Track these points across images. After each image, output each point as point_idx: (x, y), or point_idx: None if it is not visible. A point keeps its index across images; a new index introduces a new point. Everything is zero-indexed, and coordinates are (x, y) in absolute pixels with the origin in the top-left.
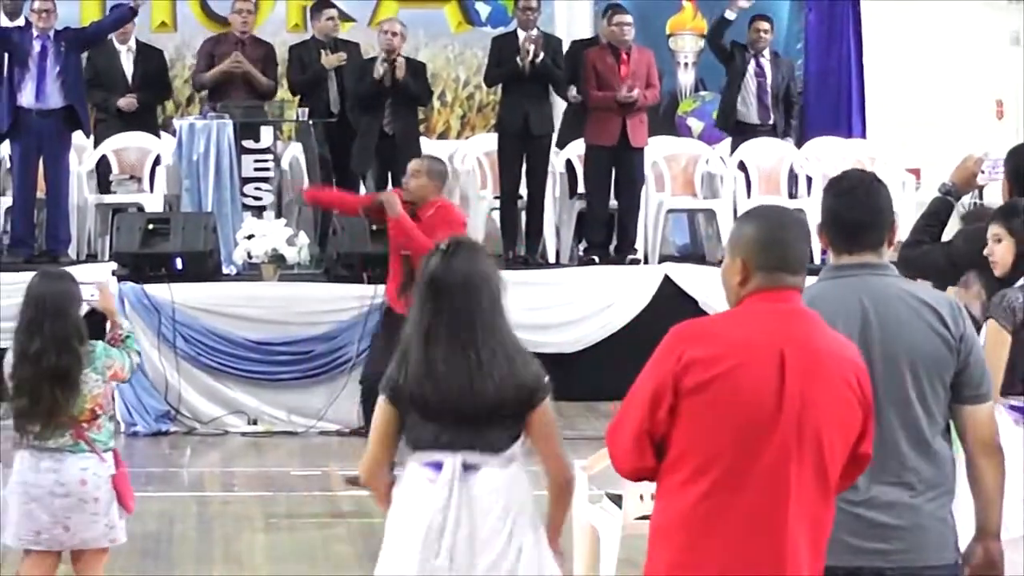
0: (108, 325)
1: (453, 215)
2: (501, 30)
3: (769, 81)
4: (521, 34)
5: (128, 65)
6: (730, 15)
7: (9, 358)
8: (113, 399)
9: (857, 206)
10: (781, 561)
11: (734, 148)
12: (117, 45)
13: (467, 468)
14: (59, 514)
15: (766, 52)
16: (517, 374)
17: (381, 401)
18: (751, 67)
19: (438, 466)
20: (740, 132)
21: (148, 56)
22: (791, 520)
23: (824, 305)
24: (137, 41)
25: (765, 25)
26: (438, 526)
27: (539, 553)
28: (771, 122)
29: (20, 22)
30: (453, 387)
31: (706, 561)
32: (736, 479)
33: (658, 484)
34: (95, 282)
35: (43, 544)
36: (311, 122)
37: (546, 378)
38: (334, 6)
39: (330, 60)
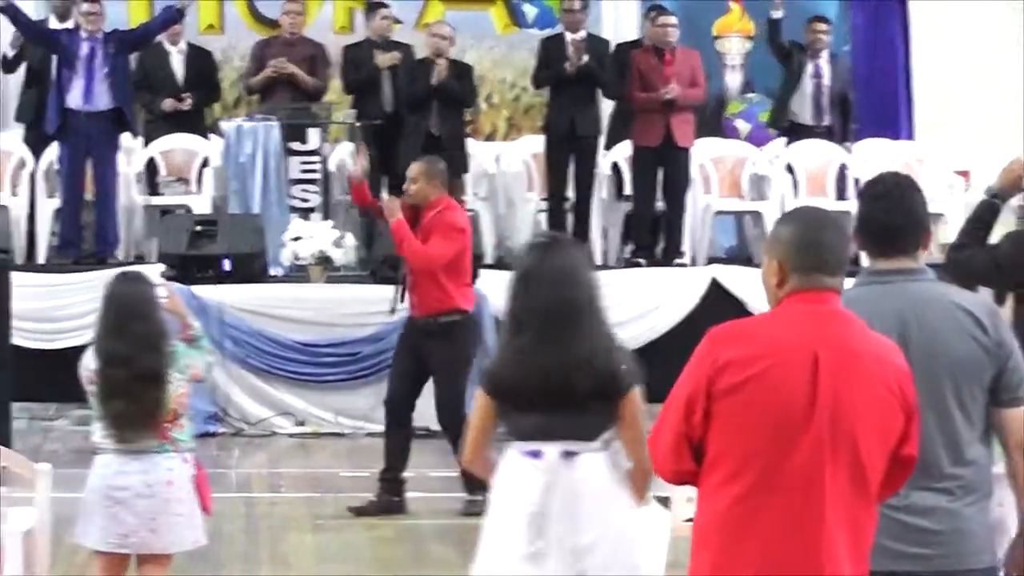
0: (180, 326)
1: (448, 219)
2: (548, 32)
3: (826, 83)
4: (567, 36)
5: (178, 66)
6: (776, 14)
7: (89, 362)
8: (190, 399)
9: (891, 210)
10: (818, 562)
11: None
12: (168, 46)
13: (566, 455)
14: (144, 516)
15: (824, 53)
16: (607, 363)
17: (478, 393)
18: (809, 68)
19: (537, 454)
20: (794, 133)
21: (198, 57)
22: (827, 521)
23: (860, 310)
24: (188, 43)
25: (823, 26)
26: (541, 509)
27: (635, 534)
28: (825, 124)
29: (70, 24)
30: (546, 377)
31: (743, 562)
32: (770, 480)
33: (698, 487)
34: (164, 284)
35: (130, 547)
36: (358, 123)
37: (636, 368)
38: (388, 6)
39: (384, 60)
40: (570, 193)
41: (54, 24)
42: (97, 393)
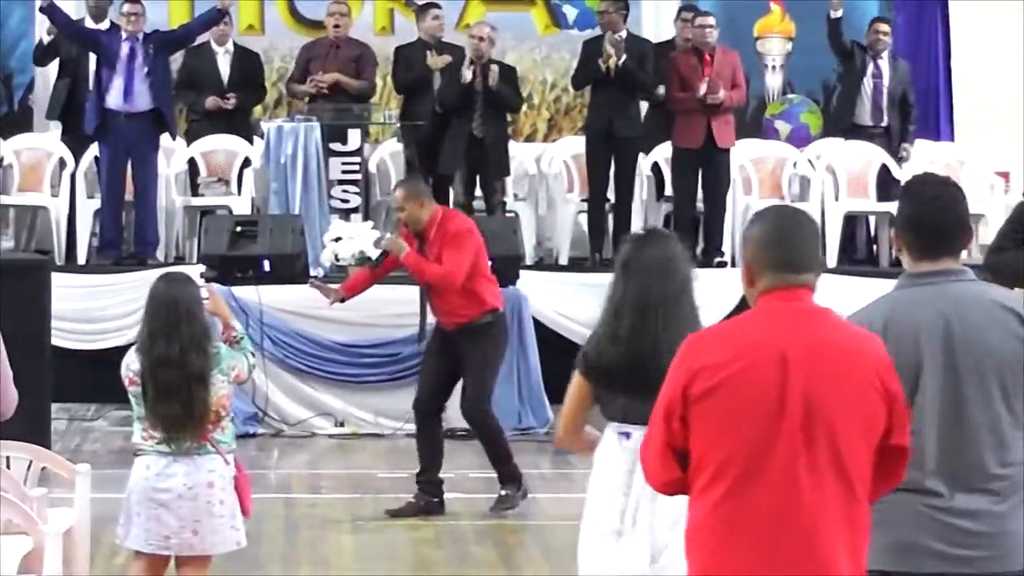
0: (222, 328)
1: (451, 228)
2: (589, 33)
3: (886, 83)
4: (607, 37)
5: (224, 67)
6: (835, 14)
7: (132, 363)
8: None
9: (940, 213)
10: (808, 558)
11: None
12: (215, 46)
13: None
14: (188, 518)
15: (884, 54)
16: None
17: (575, 374)
18: (869, 68)
19: (627, 435)
20: (852, 133)
21: (244, 58)
22: (810, 518)
23: (905, 313)
24: (235, 43)
25: (885, 27)
26: (626, 490)
27: None
28: (884, 124)
29: (105, 24)
30: (636, 362)
31: (730, 564)
32: (749, 481)
33: (689, 492)
34: (205, 286)
35: (172, 549)
36: (399, 124)
37: None
38: (439, 7)
39: (436, 61)
40: (610, 194)
41: (89, 24)
42: (143, 395)
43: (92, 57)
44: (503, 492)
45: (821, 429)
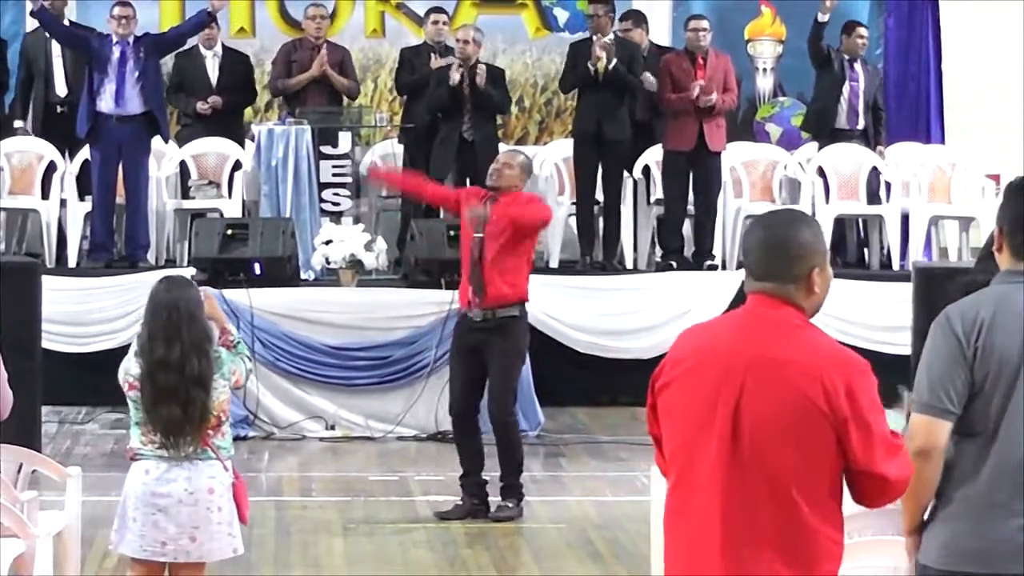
0: (218, 332)
1: (533, 196)
2: (579, 35)
3: (862, 87)
4: (594, 39)
5: (213, 70)
6: (822, 17)
7: (130, 367)
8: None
9: None
10: (721, 559)
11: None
12: (203, 50)
13: None
14: (187, 524)
15: (859, 58)
16: None
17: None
18: (848, 72)
19: None
20: (829, 137)
21: (233, 61)
22: (727, 527)
23: (1011, 306)
24: (224, 46)
25: (864, 32)
26: None
27: None
28: (860, 127)
29: (65, 23)
30: None
31: (675, 556)
32: (688, 479)
33: None
34: (200, 289)
35: (168, 555)
36: (389, 127)
37: None
38: (441, 10)
39: (439, 64)
40: (600, 196)
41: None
42: (143, 399)
43: (58, 60)
44: (507, 504)
45: (750, 445)
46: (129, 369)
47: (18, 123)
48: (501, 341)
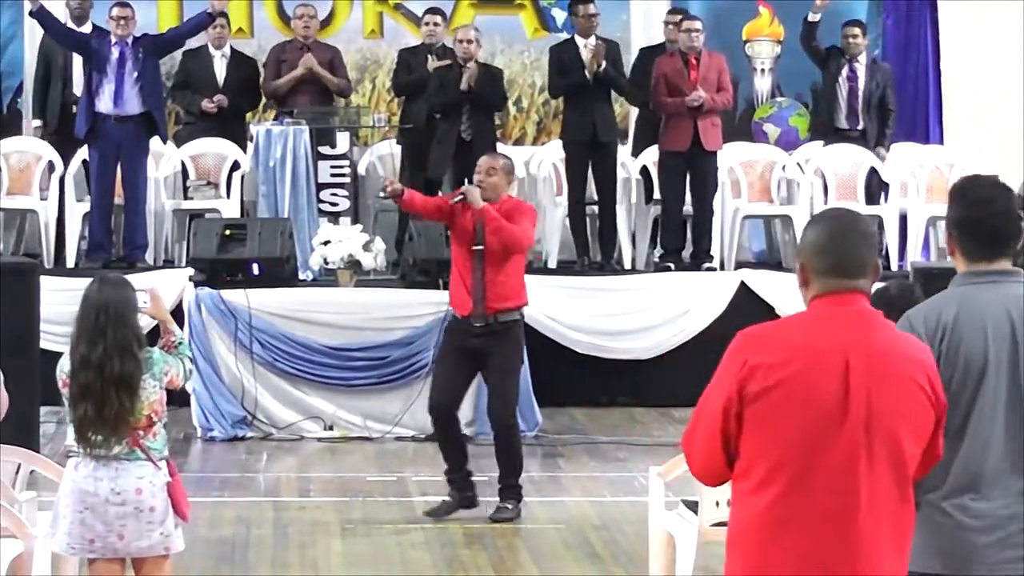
0: (160, 332)
1: (523, 205)
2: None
3: (861, 87)
4: (580, 41)
5: (220, 70)
6: (813, 17)
7: (64, 364)
8: (166, 407)
9: (999, 214)
10: (855, 560)
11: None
12: (212, 50)
13: None
14: (114, 523)
15: (861, 58)
16: None
17: None
18: (844, 72)
19: None
20: (830, 137)
21: (240, 63)
22: (864, 519)
23: (973, 308)
24: (232, 48)
25: (855, 30)
26: None
27: None
28: (860, 127)
29: (87, 27)
30: None
31: (779, 563)
32: (805, 482)
33: (732, 490)
34: (147, 289)
35: (97, 552)
36: (388, 127)
37: None
38: (436, 11)
39: (435, 65)
40: (593, 198)
41: (70, 27)
42: (69, 397)
43: (77, 60)
44: (506, 505)
45: (881, 434)
46: (63, 366)
47: (35, 122)
48: (503, 346)
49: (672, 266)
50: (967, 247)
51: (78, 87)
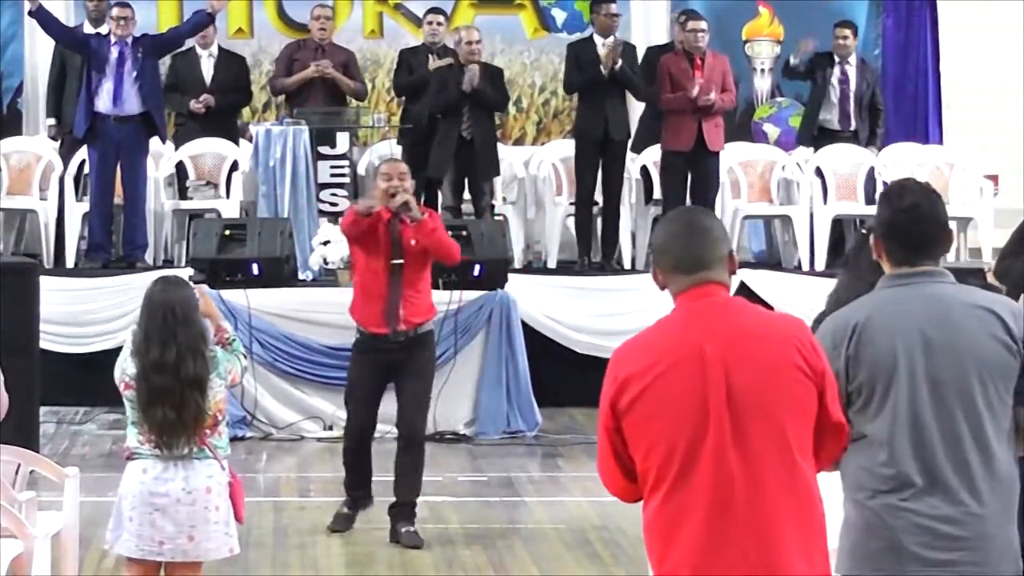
0: (214, 330)
1: (433, 212)
2: (577, 36)
3: (852, 88)
4: (598, 40)
5: (208, 70)
6: (792, 60)
7: (127, 367)
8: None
9: (922, 220)
10: (754, 551)
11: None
12: (199, 50)
13: None
14: (184, 523)
15: (851, 59)
16: None
17: None
18: (836, 73)
19: None
20: (820, 139)
21: (228, 62)
22: (746, 507)
23: (885, 312)
24: (219, 47)
25: (846, 32)
26: None
27: None
28: (852, 128)
29: (104, 28)
30: None
31: (677, 563)
32: (685, 480)
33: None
34: (195, 287)
35: (167, 555)
36: (387, 127)
37: None
38: (437, 11)
39: (435, 66)
40: (599, 197)
41: (88, 29)
42: (138, 399)
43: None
44: (411, 528)
45: (752, 419)
46: (126, 369)
47: (50, 120)
48: (421, 356)
49: None
50: (891, 251)
51: None
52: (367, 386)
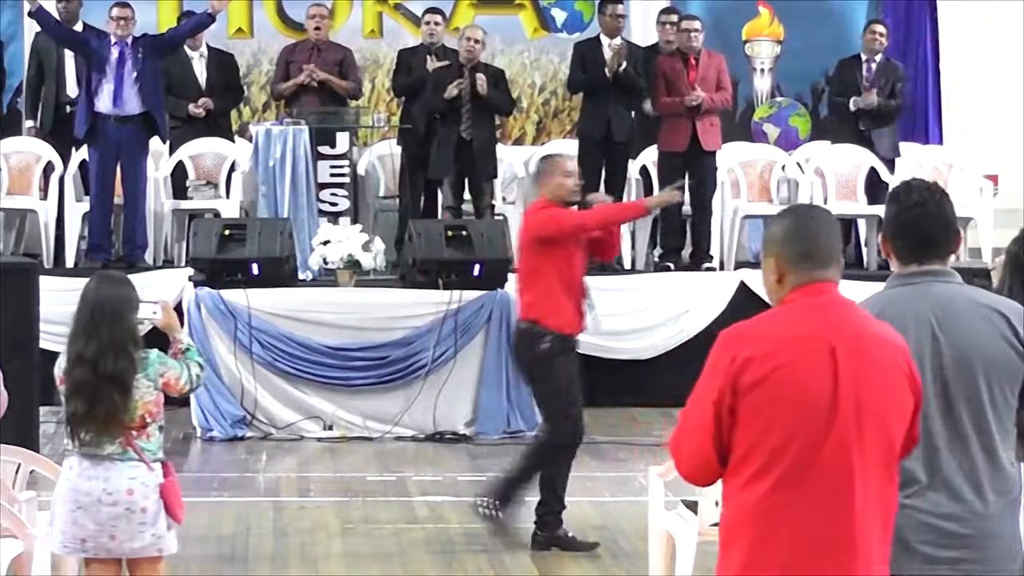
0: (171, 341)
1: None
2: (579, 36)
3: (879, 79)
4: (605, 41)
5: (200, 70)
6: (853, 107)
7: (61, 362)
8: (162, 409)
9: (929, 219)
10: (851, 546)
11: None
12: (189, 52)
13: None
14: (106, 523)
15: (877, 58)
16: None
17: None
18: (863, 75)
19: None
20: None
21: (220, 61)
22: (858, 505)
23: (894, 311)
24: (208, 47)
25: (881, 28)
26: None
27: None
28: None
29: (78, 27)
30: None
31: (775, 554)
32: (800, 471)
33: (724, 486)
34: (158, 301)
35: (89, 552)
36: (387, 127)
37: None
38: (435, 11)
39: (435, 66)
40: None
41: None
42: (60, 393)
43: (70, 60)
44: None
45: (870, 419)
46: (60, 364)
47: (28, 123)
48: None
49: (672, 266)
50: (898, 250)
51: (72, 87)
52: (576, 389)
